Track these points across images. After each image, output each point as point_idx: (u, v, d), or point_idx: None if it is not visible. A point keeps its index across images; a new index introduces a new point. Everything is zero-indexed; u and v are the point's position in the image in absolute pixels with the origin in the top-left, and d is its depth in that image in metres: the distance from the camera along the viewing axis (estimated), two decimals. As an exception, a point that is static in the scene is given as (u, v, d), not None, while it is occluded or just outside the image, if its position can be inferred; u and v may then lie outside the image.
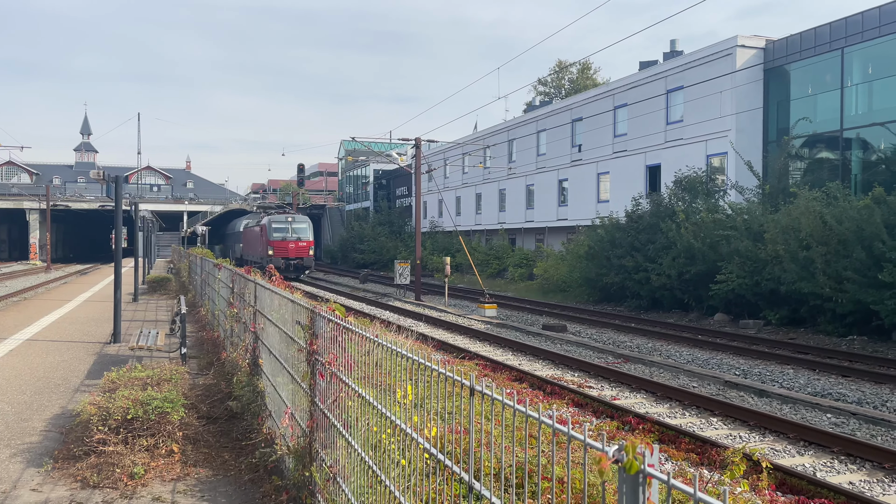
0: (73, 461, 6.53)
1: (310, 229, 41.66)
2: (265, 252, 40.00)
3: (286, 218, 41.31)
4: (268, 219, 41.39)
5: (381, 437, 3.56)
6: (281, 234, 40.35)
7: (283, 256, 39.64)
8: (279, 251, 39.79)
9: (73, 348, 13.69)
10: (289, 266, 39.43)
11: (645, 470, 1.42)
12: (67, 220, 76.19)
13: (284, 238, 40.16)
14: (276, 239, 40.11)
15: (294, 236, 40.51)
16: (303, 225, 41.49)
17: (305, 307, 5.37)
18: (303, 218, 42.32)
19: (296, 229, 40.88)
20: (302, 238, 40.78)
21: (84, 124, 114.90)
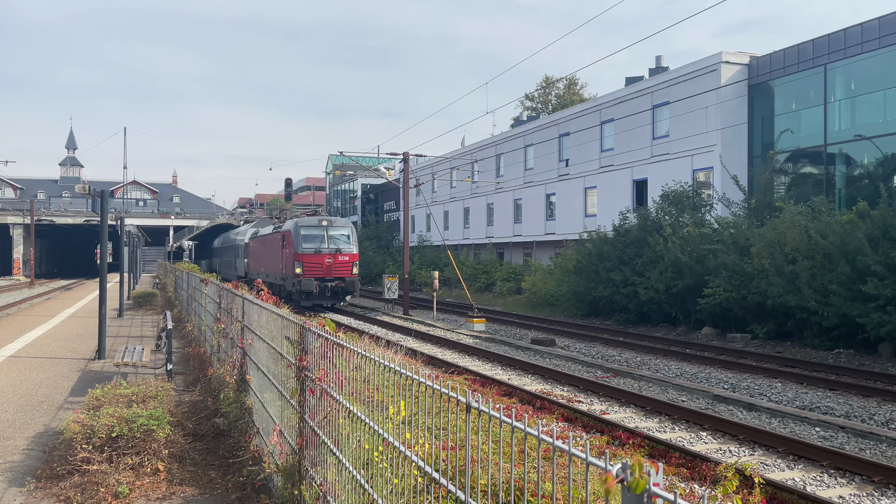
0: (56, 480, 6.41)
1: (353, 237, 30.23)
2: (289, 269, 29.07)
3: (320, 221, 29.71)
4: (293, 223, 29.82)
5: (373, 455, 3.51)
6: (314, 244, 28.84)
7: (318, 276, 28.33)
8: (311, 268, 28.40)
9: (57, 365, 13.49)
10: (324, 290, 28.39)
11: (650, 489, 1.39)
12: (52, 235, 75.56)
13: (318, 250, 28.71)
14: (308, 251, 28.56)
15: (331, 247, 28.91)
16: (343, 231, 29.96)
17: (295, 322, 5.32)
18: (343, 221, 31.05)
19: (335, 237, 29.32)
20: (343, 249, 29.09)
21: (69, 139, 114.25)
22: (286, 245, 30.00)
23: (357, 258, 29.75)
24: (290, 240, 29.52)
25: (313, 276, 28.31)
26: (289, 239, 29.68)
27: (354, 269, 29.44)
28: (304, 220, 29.91)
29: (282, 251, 30.67)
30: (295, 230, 29.27)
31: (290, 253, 29.23)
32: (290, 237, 29.57)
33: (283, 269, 30.24)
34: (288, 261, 29.42)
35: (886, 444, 9.60)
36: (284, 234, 30.50)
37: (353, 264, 29.35)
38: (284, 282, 29.79)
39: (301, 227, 29.25)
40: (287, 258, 29.57)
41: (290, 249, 29.31)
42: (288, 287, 28.91)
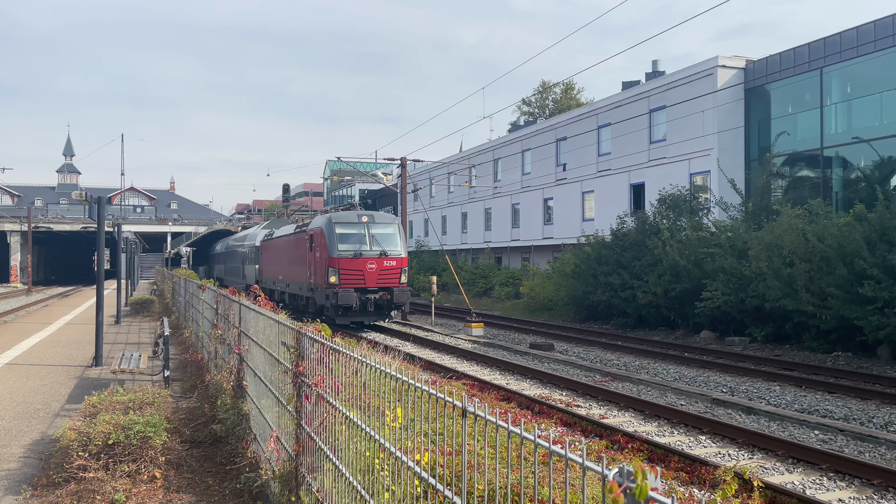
0: (52, 488, 6.37)
1: (400, 235, 24.27)
2: (320, 277, 23.44)
3: (359, 217, 24.10)
4: (325, 219, 24.22)
5: (370, 461, 3.49)
6: (352, 245, 23.11)
7: (358, 286, 22.72)
8: (350, 277, 22.73)
9: (54, 372, 13.45)
10: (366, 304, 22.86)
11: (650, 495, 1.38)
12: (49, 242, 75.44)
13: (359, 253, 22.97)
14: (346, 255, 22.85)
15: (375, 249, 23.26)
16: (388, 228, 24.11)
17: (291, 328, 5.30)
18: (387, 217, 25.44)
19: (378, 237, 23.54)
20: (389, 252, 23.37)
21: (67, 146, 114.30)
22: (316, 247, 23.96)
23: (406, 263, 23.80)
24: (321, 240, 23.49)
25: (352, 285, 22.48)
26: (320, 239, 23.62)
27: (403, 277, 23.34)
28: (339, 216, 24.08)
29: (309, 255, 24.68)
30: (328, 228, 23.22)
31: (321, 257, 23.37)
32: (320, 237, 23.52)
33: (311, 277, 24.40)
34: (318, 267, 23.63)
35: (886, 446, 9.58)
36: (313, 234, 24.31)
37: (401, 271, 23.32)
38: (313, 293, 24.06)
39: (336, 223, 23.23)
40: (317, 264, 23.73)
41: (321, 252, 23.38)
42: (318, 300, 23.54)
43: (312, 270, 24.39)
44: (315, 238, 24.21)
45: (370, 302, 22.93)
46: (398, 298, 23.22)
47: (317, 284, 23.81)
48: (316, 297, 23.87)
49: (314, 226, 24.85)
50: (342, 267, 22.71)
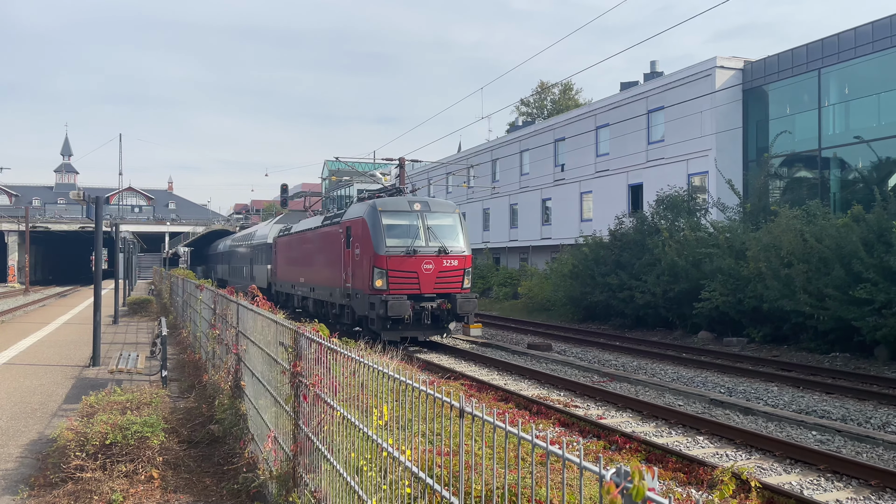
0: (49, 488, 6.36)
1: (462, 228, 19.61)
2: (360, 281, 18.88)
3: (410, 203, 19.49)
4: (368, 207, 19.33)
5: (368, 461, 3.49)
6: (404, 239, 18.59)
7: (411, 292, 18.19)
8: (402, 280, 18.21)
9: (52, 372, 13.43)
10: (422, 315, 18.24)
11: (647, 495, 1.38)
12: (47, 241, 75.34)
13: (412, 249, 18.40)
14: (396, 252, 18.33)
15: (432, 245, 18.63)
16: (447, 219, 19.54)
17: (289, 328, 5.29)
18: (444, 204, 20.31)
19: (436, 230, 18.98)
20: (450, 249, 18.75)
21: (65, 145, 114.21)
22: (355, 242, 19.36)
23: (470, 263, 19.09)
24: (362, 234, 18.84)
25: (404, 291, 17.93)
26: (360, 233, 18.94)
27: (466, 282, 18.78)
28: (386, 202, 19.35)
29: (345, 253, 20.08)
30: (372, 218, 18.61)
31: (362, 255, 18.74)
32: (361, 230, 18.87)
33: (348, 279, 19.79)
34: (358, 268, 18.98)
35: (883, 447, 9.59)
36: (350, 227, 19.84)
37: (463, 273, 18.70)
38: (350, 301, 19.52)
39: (383, 212, 18.62)
40: (356, 264, 19.12)
41: (362, 249, 18.77)
42: (358, 309, 19.00)
43: (349, 272, 19.67)
44: (353, 231, 19.54)
45: (426, 312, 18.16)
46: (462, 307, 18.20)
47: (356, 289, 19.07)
48: (354, 306, 19.27)
49: (352, 215, 20.17)
50: (391, 268, 18.00)
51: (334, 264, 21.11)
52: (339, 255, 20.69)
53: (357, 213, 19.95)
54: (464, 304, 18.38)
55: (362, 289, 18.66)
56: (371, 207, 19.06)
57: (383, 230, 18.43)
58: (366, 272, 18.45)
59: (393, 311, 17.39)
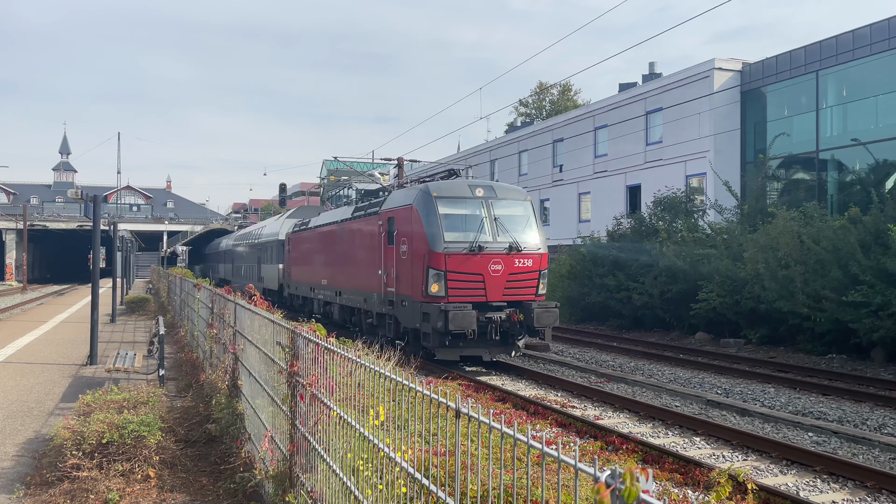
0: (45, 487, 6.36)
1: (536, 219, 16.20)
2: (412, 285, 15.34)
3: (472, 188, 15.88)
4: (420, 192, 15.74)
5: (364, 461, 3.49)
6: (465, 232, 15.19)
7: (476, 299, 14.82)
8: (464, 283, 14.82)
9: (49, 370, 13.42)
10: (489, 328, 14.86)
11: (641, 497, 1.38)
12: (45, 240, 75.26)
13: (477, 246, 14.90)
14: (456, 249, 14.83)
15: (501, 241, 15.20)
16: (518, 208, 16.09)
17: (286, 328, 5.30)
18: (513, 190, 16.72)
19: (504, 221, 15.57)
20: (523, 244, 15.39)
21: (63, 143, 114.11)
22: (400, 237, 15.71)
23: (546, 263, 15.55)
24: (410, 226, 15.28)
25: (467, 298, 14.47)
26: (408, 224, 15.39)
27: (541, 287, 15.27)
28: (441, 186, 15.58)
29: (385, 251, 16.47)
30: (425, 205, 14.99)
31: (411, 253, 15.15)
32: (411, 221, 15.29)
33: (390, 283, 16.09)
34: (405, 268, 15.41)
35: (879, 448, 9.61)
36: (393, 217, 16.21)
37: (539, 276, 15.18)
38: (394, 309, 15.98)
39: (440, 198, 15.02)
40: (402, 263, 15.55)
41: (411, 245, 15.18)
42: (406, 320, 15.49)
43: (392, 274, 15.96)
44: (399, 223, 15.89)
45: (493, 325, 14.56)
46: (540, 319, 14.60)
47: (402, 295, 15.52)
48: (400, 316, 15.74)
49: (395, 203, 16.42)
50: (451, 269, 14.37)
51: (370, 264, 17.47)
52: (377, 253, 17.10)
53: (403, 200, 16.11)
54: (542, 314, 14.72)
55: (411, 295, 15.09)
56: (423, 193, 15.27)
57: (440, 221, 14.77)
58: (417, 274, 14.86)
59: (456, 324, 13.86)
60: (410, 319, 15.27)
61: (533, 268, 15.25)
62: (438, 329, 14.15)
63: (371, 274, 17.45)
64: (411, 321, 15.24)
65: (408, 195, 16.08)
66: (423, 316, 14.65)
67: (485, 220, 15.21)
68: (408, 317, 15.40)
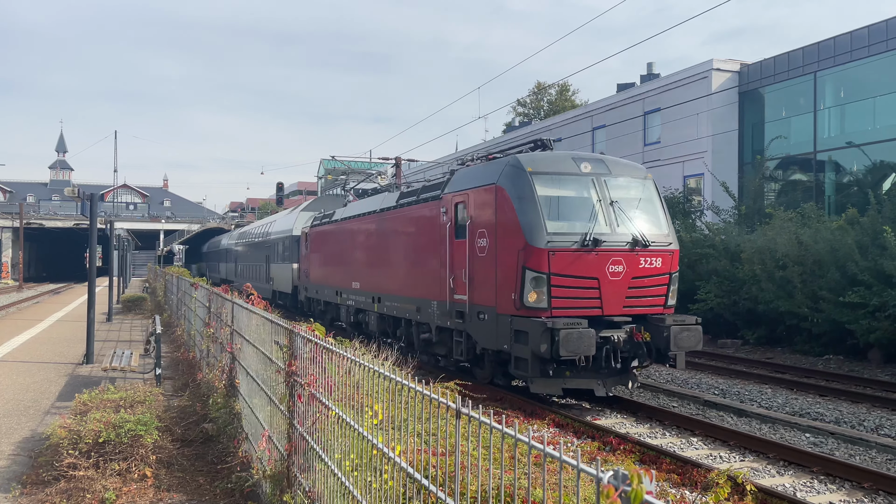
0: (41, 486, 6.33)
1: (660, 203, 12.04)
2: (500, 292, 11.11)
3: (577, 161, 11.71)
4: (506, 167, 11.58)
5: (362, 461, 3.48)
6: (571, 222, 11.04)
7: (590, 312, 10.70)
8: (572, 291, 10.69)
9: (45, 369, 13.37)
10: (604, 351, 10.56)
11: (644, 498, 1.37)
12: (41, 238, 75.09)
13: (589, 240, 10.75)
14: (562, 242, 10.68)
15: (623, 234, 11.08)
16: (637, 189, 11.83)
17: (284, 327, 5.28)
18: (630, 166, 12.44)
19: (624, 205, 11.43)
20: (651, 238, 11.27)
21: (59, 142, 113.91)
22: (476, 228, 12.08)
23: (677, 263, 12.00)
24: (495, 211, 11.61)
25: (576, 310, 10.84)
26: (490, 209, 11.76)
27: (671, 296, 11.82)
28: (535, 159, 11.85)
29: (451, 246, 12.87)
30: (517, 183, 11.34)
31: (496, 248, 11.50)
32: (495, 205, 11.62)
33: (459, 289, 12.51)
34: (483, 269, 11.81)
35: (876, 450, 9.62)
36: (465, 201, 12.53)
37: (669, 280, 11.72)
38: (466, 324, 12.35)
39: (536, 175, 11.32)
40: (479, 262, 11.95)
41: (495, 238, 11.53)
42: (483, 339, 11.94)
43: (463, 275, 12.19)
44: (475, 208, 12.06)
45: (611, 348, 10.71)
46: (679, 342, 11.00)
47: (478, 306, 11.76)
48: (476, 332, 11.94)
49: (468, 183, 12.53)
50: (557, 270, 10.66)
51: (427, 264, 13.77)
52: (438, 249, 13.26)
53: (481, 178, 12.14)
54: (682, 335, 10.95)
55: (493, 305, 11.22)
56: (513, 168, 11.34)
57: (540, 205, 10.79)
58: (505, 278, 10.91)
59: (570, 348, 9.94)
60: (492, 338, 11.48)
61: (662, 269, 11.41)
62: (540, 353, 10.23)
63: (428, 276, 13.76)
64: (493, 340, 11.45)
65: (487, 171, 12.18)
66: (513, 335, 10.78)
67: (598, 204, 11.15)
68: (487, 334, 11.58)
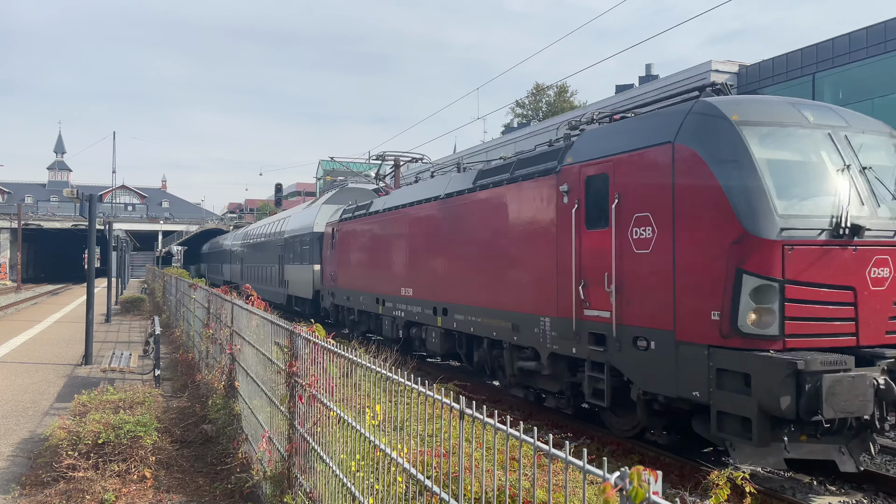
0: (41, 487, 6.32)
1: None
2: (690, 312, 7.19)
3: (797, 109, 7.50)
4: (696, 114, 7.46)
5: (364, 462, 3.47)
6: (808, 200, 6.99)
7: (842, 339, 6.85)
8: (819, 308, 6.79)
9: (43, 370, 13.35)
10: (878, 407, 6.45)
11: (651, 499, 1.37)
12: (39, 239, 75.02)
13: (845, 228, 6.82)
14: (803, 231, 6.77)
15: (887, 221, 7.06)
16: (884, 153, 7.55)
17: (285, 328, 5.28)
18: (872, 122, 8.10)
19: (880, 173, 7.33)
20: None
21: (58, 143, 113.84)
22: (631, 209, 8.08)
23: None
24: (668, 183, 7.53)
25: (821, 339, 6.84)
26: (660, 178, 7.68)
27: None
28: (740, 103, 7.62)
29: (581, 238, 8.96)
30: (716, 138, 7.22)
31: (670, 241, 7.49)
32: (672, 172, 7.49)
33: (598, 301, 8.60)
34: (649, 272, 7.83)
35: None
36: (610, 170, 8.51)
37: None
38: (607, 353, 8.46)
39: (748, 124, 7.21)
40: (641, 262, 7.93)
41: (674, 226, 7.44)
42: (646, 379, 7.98)
43: (608, 283, 8.45)
44: (633, 180, 8.24)
45: (882, 397, 6.76)
46: None
47: (637, 329, 8.06)
48: (632, 368, 8.21)
49: (619, 144, 8.67)
50: (794, 276, 6.88)
51: (532, 264, 10.21)
52: (552, 243, 9.66)
53: (641, 134, 8.39)
54: None
55: (670, 328, 7.60)
56: (706, 118, 7.57)
57: (761, 173, 7.11)
58: (697, 286, 7.38)
59: (839, 406, 6.54)
60: (667, 380, 7.66)
61: None
62: (778, 411, 6.56)
63: (535, 282, 10.08)
64: (669, 383, 7.64)
65: (651, 125, 8.32)
66: (715, 377, 7.05)
67: (844, 172, 7.36)
68: (657, 373, 7.80)
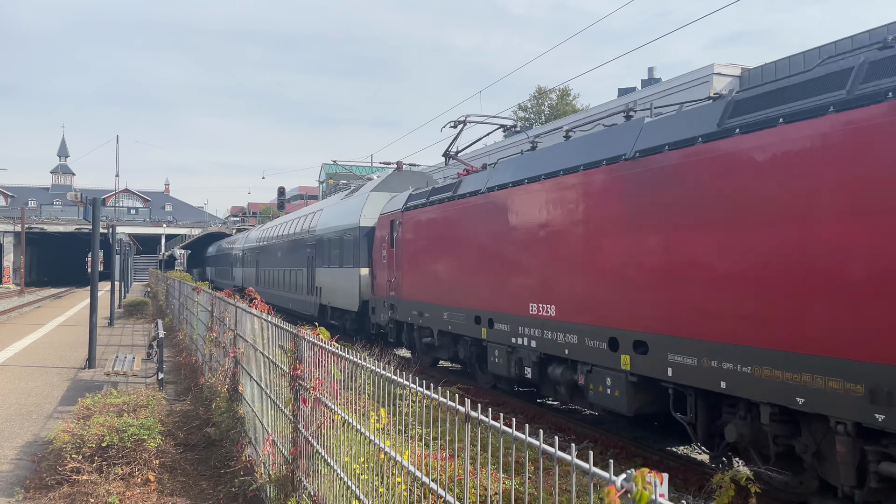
0: (45, 491, 6.33)
1: None
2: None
3: None
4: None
5: (368, 465, 3.47)
6: None
7: None
8: None
9: (47, 374, 13.37)
10: None
11: (657, 501, 1.38)
12: (43, 243, 75.17)
13: None
14: None
15: None
16: None
17: (289, 331, 5.28)
18: None
19: None
20: None
21: (61, 146, 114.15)
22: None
23: None
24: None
25: None
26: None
27: None
28: None
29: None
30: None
31: None
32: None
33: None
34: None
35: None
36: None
37: None
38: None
39: None
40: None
41: None
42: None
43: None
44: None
45: None
46: None
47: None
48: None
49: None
50: None
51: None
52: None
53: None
54: None
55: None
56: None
57: None
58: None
59: None
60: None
61: None
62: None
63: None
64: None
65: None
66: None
67: None
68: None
